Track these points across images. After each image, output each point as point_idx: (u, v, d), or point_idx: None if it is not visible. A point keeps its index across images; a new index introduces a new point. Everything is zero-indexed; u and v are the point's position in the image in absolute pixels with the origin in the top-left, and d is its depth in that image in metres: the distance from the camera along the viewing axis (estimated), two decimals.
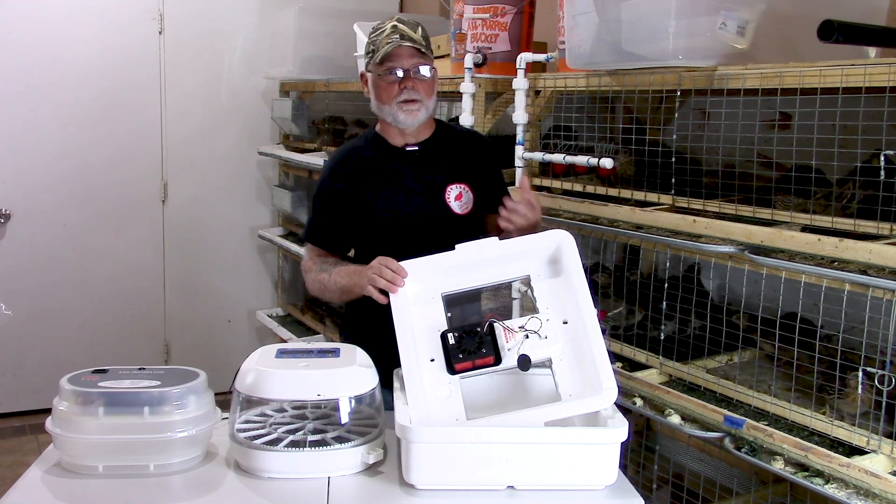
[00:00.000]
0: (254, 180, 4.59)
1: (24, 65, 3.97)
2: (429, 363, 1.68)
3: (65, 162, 4.12)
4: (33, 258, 4.12)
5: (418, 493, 1.54)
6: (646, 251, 2.47)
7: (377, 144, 2.14)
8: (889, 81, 1.57)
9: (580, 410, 1.61)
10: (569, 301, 1.72)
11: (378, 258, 1.85)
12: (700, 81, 1.99)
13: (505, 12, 2.80)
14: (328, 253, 2.15)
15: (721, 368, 2.10)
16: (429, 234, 2.06)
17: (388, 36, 2.01)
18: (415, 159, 2.11)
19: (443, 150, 2.14)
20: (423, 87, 2.03)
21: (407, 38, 2.00)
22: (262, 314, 4.50)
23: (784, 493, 2.10)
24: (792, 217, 1.83)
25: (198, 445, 1.65)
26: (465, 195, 2.11)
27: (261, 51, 4.37)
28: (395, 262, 1.81)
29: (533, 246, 1.81)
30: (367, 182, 2.09)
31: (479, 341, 1.68)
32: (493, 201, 2.13)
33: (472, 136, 2.29)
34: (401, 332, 1.70)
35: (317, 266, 2.11)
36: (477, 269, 1.81)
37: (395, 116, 2.04)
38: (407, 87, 2.01)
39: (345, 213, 2.11)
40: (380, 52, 2.01)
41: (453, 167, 2.13)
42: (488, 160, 2.21)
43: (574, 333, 1.69)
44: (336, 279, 2.02)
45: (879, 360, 1.67)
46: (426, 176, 2.10)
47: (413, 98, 2.02)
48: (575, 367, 1.66)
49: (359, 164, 2.12)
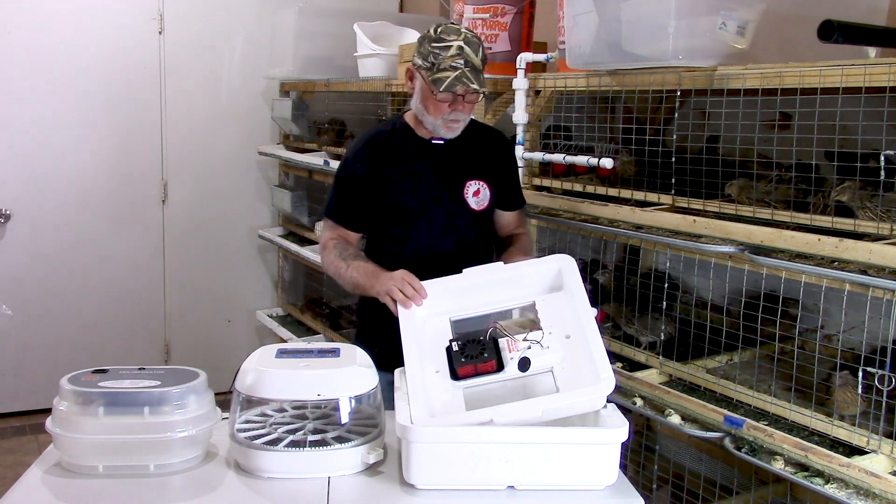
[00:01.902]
0: (254, 180, 4.59)
1: (24, 65, 3.97)
2: (433, 374, 1.70)
3: (65, 162, 4.12)
4: (33, 258, 4.11)
5: (418, 493, 1.54)
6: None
7: (404, 134, 2.16)
8: (889, 81, 1.57)
9: (578, 399, 1.62)
10: (571, 318, 1.76)
11: (401, 271, 1.91)
12: (700, 81, 1.99)
13: (505, 12, 2.80)
14: (346, 230, 2.17)
15: (721, 368, 2.10)
16: (442, 226, 2.12)
17: (452, 59, 1.96)
18: (438, 152, 2.13)
19: (466, 145, 2.15)
20: (469, 107, 2.06)
21: (470, 66, 1.97)
22: (262, 314, 4.51)
23: (784, 493, 2.10)
24: (792, 217, 1.83)
25: (198, 445, 1.65)
26: (482, 192, 2.15)
27: (261, 51, 4.36)
28: (419, 282, 1.86)
29: (536, 269, 1.88)
30: (389, 168, 2.12)
31: (481, 348, 1.70)
32: (506, 199, 2.22)
33: (495, 134, 2.31)
34: (407, 345, 1.74)
35: (336, 250, 2.12)
36: (483, 292, 1.87)
37: (437, 129, 2.07)
38: (457, 109, 2.03)
39: (364, 195, 2.13)
40: (440, 76, 1.96)
41: (474, 164, 2.16)
42: (507, 159, 2.25)
43: (576, 346, 1.71)
44: (353, 273, 2.05)
45: (879, 360, 1.67)
46: (447, 170, 2.13)
47: (459, 119, 2.05)
48: (575, 371, 1.67)
49: (383, 149, 2.14)
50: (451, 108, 2.02)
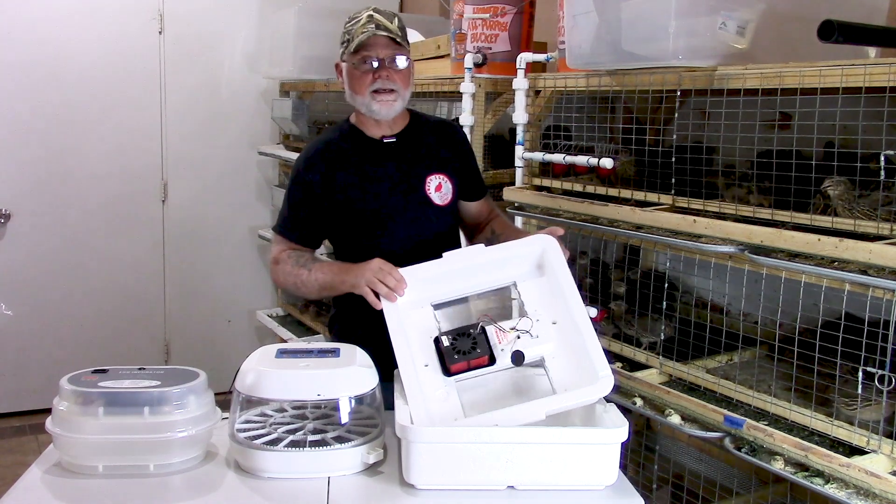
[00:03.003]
0: (254, 180, 4.59)
1: (24, 65, 3.97)
2: (423, 368, 1.69)
3: (65, 162, 4.12)
4: (33, 258, 4.12)
5: (418, 493, 1.54)
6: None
7: (354, 136, 2.10)
8: (889, 81, 1.57)
9: (578, 400, 1.62)
10: (557, 302, 1.74)
11: (378, 261, 1.83)
12: (700, 81, 1.99)
13: (505, 12, 2.81)
14: (300, 246, 2.10)
15: (721, 368, 2.10)
16: (410, 225, 2.06)
17: (363, 25, 1.97)
18: (393, 151, 2.08)
19: (420, 140, 2.12)
20: (399, 77, 2.00)
21: (382, 28, 1.97)
22: (262, 314, 4.50)
23: (784, 493, 2.10)
24: (792, 217, 1.83)
25: (198, 445, 1.65)
26: (444, 185, 2.10)
27: (261, 51, 4.37)
28: (398, 271, 1.79)
29: (518, 251, 1.85)
30: (344, 174, 2.05)
31: (472, 342, 1.69)
32: (469, 190, 2.17)
33: (446, 125, 2.27)
34: (396, 339, 1.72)
35: (292, 259, 2.05)
36: (464, 277, 1.83)
37: (370, 107, 2.01)
38: (382, 76, 1.97)
39: (320, 207, 2.06)
40: (354, 41, 1.97)
41: (431, 158, 2.11)
42: (463, 149, 2.21)
43: (565, 332, 1.71)
44: (317, 275, 1.98)
45: (879, 360, 1.67)
46: (405, 167, 2.08)
47: (388, 87, 1.99)
48: (569, 363, 1.67)
49: (335, 156, 2.07)
50: (375, 76, 1.97)
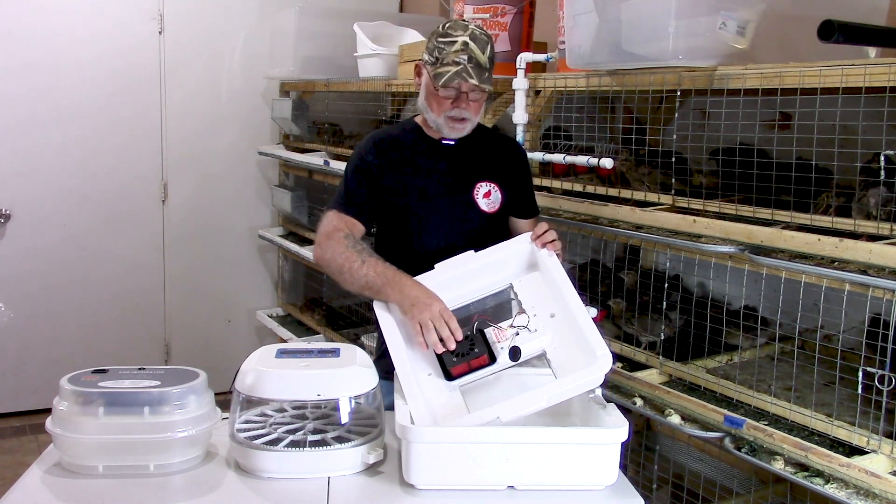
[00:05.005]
0: (254, 180, 4.59)
1: (24, 64, 3.97)
2: (427, 377, 1.70)
3: (65, 162, 4.12)
4: (33, 258, 4.11)
5: (418, 493, 1.54)
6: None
7: (415, 134, 2.14)
8: (889, 81, 1.57)
9: (578, 382, 1.62)
10: (552, 295, 1.75)
11: (440, 305, 1.76)
12: (700, 81, 1.99)
13: (505, 12, 2.81)
14: (356, 220, 2.05)
15: (721, 368, 2.10)
16: (453, 226, 2.08)
17: (455, 54, 1.94)
18: (449, 153, 2.11)
19: (478, 148, 2.14)
20: (475, 106, 2.02)
21: (474, 63, 1.95)
22: (262, 314, 4.51)
23: (784, 493, 2.10)
24: (792, 217, 1.83)
25: (198, 445, 1.65)
26: (493, 193, 2.11)
27: (261, 51, 4.36)
28: (455, 322, 1.74)
29: (509, 252, 1.87)
30: (400, 165, 2.09)
31: (470, 343, 1.70)
32: (520, 207, 2.18)
33: (511, 141, 2.29)
34: (395, 354, 1.73)
35: (349, 241, 1.96)
36: (460, 284, 1.85)
37: (441, 127, 2.05)
38: (459, 106, 2.00)
39: (376, 187, 2.08)
40: (442, 71, 1.95)
41: (486, 166, 2.13)
42: (522, 167, 2.21)
43: (563, 324, 1.72)
44: (368, 271, 1.88)
45: (879, 360, 1.67)
46: (457, 170, 2.11)
47: (462, 117, 2.02)
48: (569, 351, 1.68)
49: (395, 147, 2.12)
50: (453, 105, 1.99)
